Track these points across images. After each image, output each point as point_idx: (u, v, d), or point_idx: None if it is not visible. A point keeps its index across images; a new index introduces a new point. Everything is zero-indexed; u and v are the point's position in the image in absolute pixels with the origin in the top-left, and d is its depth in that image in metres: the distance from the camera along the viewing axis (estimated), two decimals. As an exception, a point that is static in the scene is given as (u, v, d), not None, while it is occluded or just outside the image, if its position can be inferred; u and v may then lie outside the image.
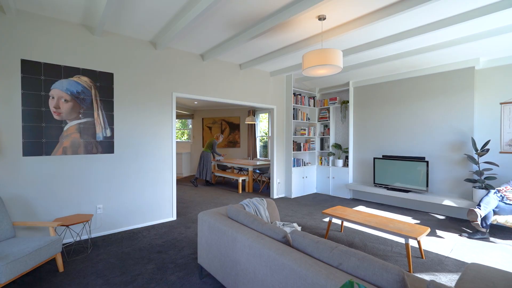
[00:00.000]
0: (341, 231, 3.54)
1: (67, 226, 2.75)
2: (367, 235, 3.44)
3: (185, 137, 9.73)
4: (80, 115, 3.26)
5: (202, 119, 9.11)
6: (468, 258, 2.77)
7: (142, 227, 3.73)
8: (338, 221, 3.97)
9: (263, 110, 8.05)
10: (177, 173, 8.72)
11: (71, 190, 3.23)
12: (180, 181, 7.68)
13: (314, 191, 6.18)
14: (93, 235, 3.38)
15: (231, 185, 7.12)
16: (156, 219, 3.92)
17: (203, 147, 9.07)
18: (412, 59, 4.30)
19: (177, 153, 8.73)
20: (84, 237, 3.32)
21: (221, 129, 8.97)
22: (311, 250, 1.48)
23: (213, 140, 6.97)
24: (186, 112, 8.97)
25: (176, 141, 9.33)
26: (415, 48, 3.95)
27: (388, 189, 4.82)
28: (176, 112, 8.84)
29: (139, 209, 3.76)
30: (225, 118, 8.91)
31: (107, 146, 3.46)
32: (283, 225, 2.56)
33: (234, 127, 8.84)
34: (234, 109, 8.83)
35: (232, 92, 4.86)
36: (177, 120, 9.56)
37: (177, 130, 9.77)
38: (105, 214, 3.47)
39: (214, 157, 7.34)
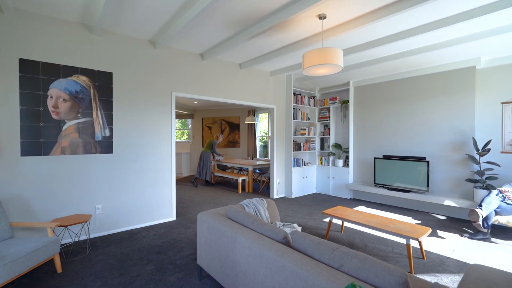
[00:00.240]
0: (341, 232, 3.52)
1: (66, 226, 2.73)
2: (367, 235, 3.42)
3: (185, 137, 9.71)
4: (79, 115, 3.24)
5: (202, 119, 9.09)
6: (469, 259, 2.75)
7: (141, 228, 3.71)
8: (339, 222, 3.95)
9: (263, 110, 8.03)
10: (176, 173, 8.70)
11: (70, 190, 3.20)
12: (179, 181, 7.66)
13: (314, 191, 6.16)
14: (92, 236, 3.36)
15: (231, 185, 7.09)
16: (155, 219, 3.90)
17: (202, 147, 9.05)
18: (412, 58, 4.28)
19: (176, 153, 8.70)
20: (83, 237, 3.30)
21: (221, 129, 8.95)
22: (312, 251, 1.45)
23: (213, 140, 6.95)
24: (185, 112, 8.95)
25: (176, 141, 9.31)
26: (416, 47, 3.93)
27: (389, 189, 4.80)
28: (176, 112, 8.82)
29: (138, 209, 3.74)
30: (225, 118, 8.89)
31: (106, 146, 3.44)
32: (283, 225, 2.54)
33: (234, 127, 8.82)
34: (234, 109, 8.81)
35: (232, 92, 4.84)
36: (176, 120, 9.54)
37: (177, 130, 9.75)
38: (104, 214, 3.45)
39: (214, 157, 7.31)
